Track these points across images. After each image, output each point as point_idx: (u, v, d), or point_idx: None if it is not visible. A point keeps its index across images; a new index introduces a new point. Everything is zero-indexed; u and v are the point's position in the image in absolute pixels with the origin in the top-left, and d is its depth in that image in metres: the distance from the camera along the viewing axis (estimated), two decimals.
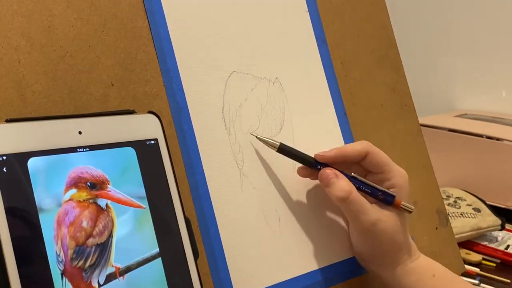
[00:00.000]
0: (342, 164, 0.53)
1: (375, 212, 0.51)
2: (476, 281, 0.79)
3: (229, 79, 0.54)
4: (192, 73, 0.51)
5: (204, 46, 0.53)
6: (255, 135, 0.53)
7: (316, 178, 0.54)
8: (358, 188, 0.52)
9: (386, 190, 0.53)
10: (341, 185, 0.51)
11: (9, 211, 0.34)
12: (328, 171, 0.52)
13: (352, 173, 0.53)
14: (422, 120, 0.76)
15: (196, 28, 0.53)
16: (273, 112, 0.56)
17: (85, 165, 0.39)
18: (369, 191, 0.53)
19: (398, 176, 0.54)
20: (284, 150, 0.53)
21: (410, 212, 0.53)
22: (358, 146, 0.54)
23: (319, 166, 0.53)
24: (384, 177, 0.54)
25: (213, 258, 0.48)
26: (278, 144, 0.52)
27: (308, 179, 0.55)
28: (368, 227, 0.51)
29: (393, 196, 0.52)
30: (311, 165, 0.53)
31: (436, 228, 0.68)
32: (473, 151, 1.07)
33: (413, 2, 1.41)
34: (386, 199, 0.52)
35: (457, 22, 1.36)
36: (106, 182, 0.39)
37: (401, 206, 0.53)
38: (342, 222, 0.58)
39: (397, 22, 0.76)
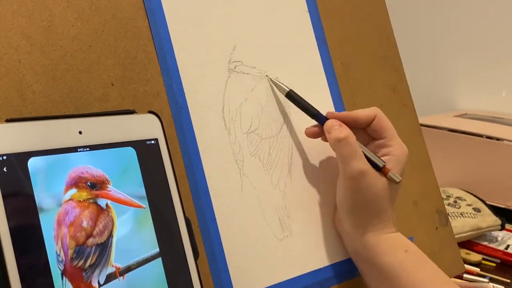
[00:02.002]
0: (350, 127, 0.54)
1: (365, 164, 0.52)
2: (486, 280, 0.79)
3: (229, 79, 0.54)
4: (192, 73, 0.51)
5: (204, 46, 0.53)
6: (269, 77, 0.55)
7: (321, 136, 0.55)
8: None
9: (377, 156, 0.53)
10: (343, 129, 0.52)
11: (9, 211, 0.34)
12: (334, 122, 0.53)
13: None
14: (422, 120, 0.76)
15: (196, 28, 0.53)
16: (273, 112, 0.56)
17: (85, 165, 0.39)
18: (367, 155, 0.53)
19: (398, 146, 0.55)
20: (292, 97, 0.54)
21: (396, 182, 0.53)
22: (368, 110, 0.55)
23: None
24: (385, 143, 0.55)
25: (213, 258, 0.48)
26: (288, 90, 0.55)
27: (308, 179, 0.55)
28: (355, 174, 0.51)
29: (383, 163, 0.53)
30: (317, 119, 0.55)
31: (436, 228, 0.68)
32: (473, 151, 1.07)
33: (413, 2, 1.41)
34: (375, 164, 0.53)
35: (457, 22, 1.37)
36: (106, 182, 0.39)
37: (388, 175, 0.53)
38: None
39: (397, 22, 0.76)
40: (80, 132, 0.39)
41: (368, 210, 0.53)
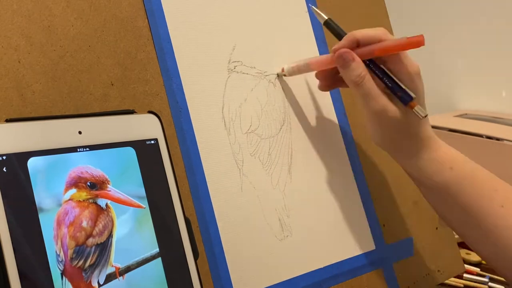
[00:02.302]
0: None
1: (382, 101, 0.52)
2: (486, 279, 0.79)
3: (229, 79, 0.54)
4: (192, 73, 0.51)
5: (204, 46, 0.53)
6: (311, 5, 0.58)
7: (331, 85, 0.57)
8: (378, 77, 0.52)
9: (406, 89, 0.52)
10: (357, 69, 0.52)
11: (9, 211, 0.34)
12: (346, 52, 0.52)
13: (381, 65, 0.53)
14: None
15: (196, 28, 0.53)
16: (272, 112, 0.56)
17: (85, 165, 0.39)
18: (389, 84, 0.52)
19: (410, 64, 0.53)
20: (329, 25, 0.56)
21: (422, 117, 0.52)
22: (374, 30, 0.54)
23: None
24: (399, 60, 0.53)
25: (213, 258, 0.48)
26: (326, 18, 0.56)
27: (308, 178, 0.55)
28: (375, 112, 0.52)
29: (411, 97, 0.52)
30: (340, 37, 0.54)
31: (436, 228, 0.68)
32: (473, 151, 1.07)
33: (413, 2, 1.41)
34: (403, 98, 0.52)
35: (457, 22, 1.36)
36: (106, 182, 0.39)
37: (415, 109, 0.52)
38: (342, 222, 0.58)
39: (397, 22, 0.76)
40: (80, 132, 0.39)
41: (399, 141, 0.54)
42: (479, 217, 0.52)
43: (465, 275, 0.80)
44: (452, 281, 0.75)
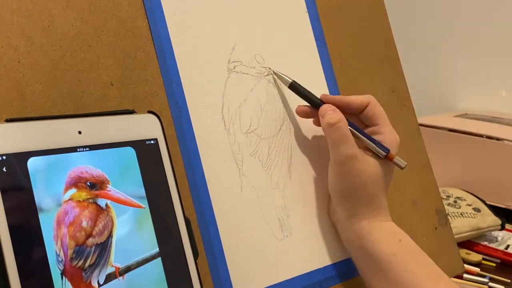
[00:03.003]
0: (343, 112, 0.54)
1: (355, 148, 0.52)
2: (486, 279, 0.79)
3: (228, 79, 0.54)
4: (192, 73, 0.51)
5: (203, 46, 0.53)
6: (273, 70, 0.56)
7: (311, 117, 0.56)
8: (354, 135, 0.53)
9: (380, 143, 0.53)
10: (335, 115, 0.53)
11: (9, 211, 0.34)
12: (328, 107, 0.54)
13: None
14: (422, 120, 0.77)
15: (196, 28, 0.53)
16: (272, 112, 0.56)
17: (85, 165, 0.39)
18: (367, 139, 0.54)
19: (389, 134, 0.55)
20: (295, 87, 0.56)
21: (402, 168, 0.54)
22: (362, 97, 0.56)
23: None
24: (377, 130, 0.55)
25: (213, 258, 0.48)
26: (291, 81, 0.55)
27: (307, 178, 0.55)
28: (344, 159, 0.51)
29: (388, 150, 0.53)
30: (316, 105, 0.55)
31: (436, 228, 0.68)
32: (473, 151, 1.07)
33: (413, 2, 1.41)
34: (380, 151, 0.53)
35: (457, 22, 1.37)
36: (106, 182, 0.39)
37: (394, 160, 0.53)
38: None
39: (397, 22, 0.76)
40: (80, 132, 0.39)
41: (358, 197, 0.52)
42: None
43: (465, 275, 0.80)
44: (453, 281, 0.75)
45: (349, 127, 0.53)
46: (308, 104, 0.56)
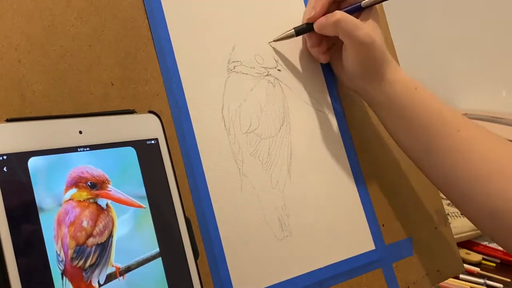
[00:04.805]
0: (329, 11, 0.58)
1: (362, 25, 0.56)
2: (482, 280, 0.79)
3: (228, 79, 0.54)
4: (192, 73, 0.51)
5: (203, 46, 0.53)
6: (272, 40, 0.59)
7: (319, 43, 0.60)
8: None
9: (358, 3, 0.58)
10: (331, 15, 0.57)
11: (9, 211, 0.34)
12: (321, 19, 0.58)
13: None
14: None
15: (196, 28, 0.53)
16: (272, 112, 0.56)
17: (85, 164, 0.39)
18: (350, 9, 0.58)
19: None
20: (299, 31, 0.59)
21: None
22: None
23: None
24: None
25: (213, 258, 0.48)
26: (293, 30, 0.59)
27: (307, 178, 0.55)
28: (364, 39, 0.56)
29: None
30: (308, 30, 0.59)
31: (436, 228, 0.68)
32: None
33: (413, 2, 1.41)
34: (356, 6, 0.58)
35: (456, 22, 1.37)
36: (106, 181, 0.39)
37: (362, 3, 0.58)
38: (341, 222, 0.58)
39: (395, 21, 0.76)
40: (80, 132, 0.39)
41: (377, 63, 0.58)
42: (438, 138, 0.57)
43: (461, 275, 0.80)
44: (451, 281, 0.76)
45: (345, 12, 0.57)
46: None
